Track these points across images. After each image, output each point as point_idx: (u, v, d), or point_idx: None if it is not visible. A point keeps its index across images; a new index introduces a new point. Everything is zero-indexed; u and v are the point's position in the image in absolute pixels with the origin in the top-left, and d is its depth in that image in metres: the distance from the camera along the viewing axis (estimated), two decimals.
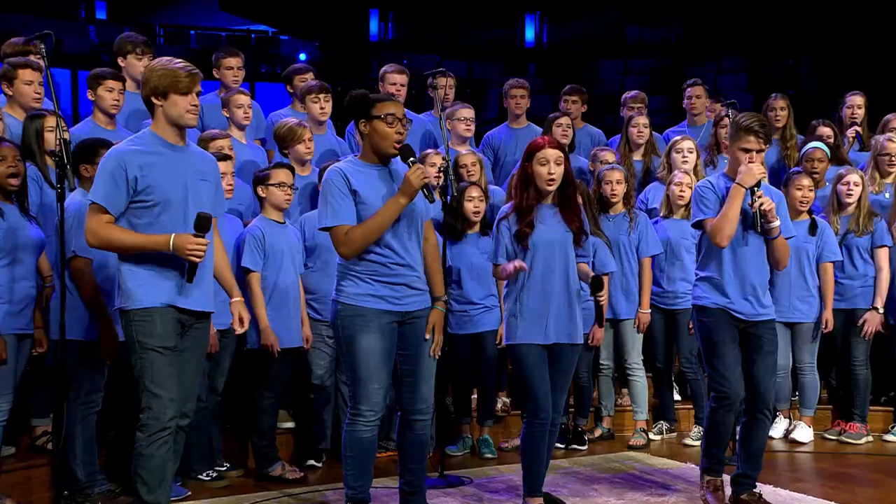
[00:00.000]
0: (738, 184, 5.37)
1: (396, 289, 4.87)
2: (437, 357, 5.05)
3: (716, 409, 5.52)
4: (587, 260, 5.47)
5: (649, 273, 7.25)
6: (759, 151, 5.42)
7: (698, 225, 5.54)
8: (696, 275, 5.64)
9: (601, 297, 5.38)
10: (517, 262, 5.17)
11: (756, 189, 5.37)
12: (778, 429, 7.41)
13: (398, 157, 4.93)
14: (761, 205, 5.35)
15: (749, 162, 5.39)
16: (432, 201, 4.93)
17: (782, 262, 5.54)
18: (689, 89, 8.76)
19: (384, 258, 4.84)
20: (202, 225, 4.54)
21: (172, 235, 4.50)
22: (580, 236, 5.34)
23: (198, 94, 4.68)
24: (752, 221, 5.40)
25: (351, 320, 4.81)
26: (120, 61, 7.30)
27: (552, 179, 5.27)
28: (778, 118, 8.29)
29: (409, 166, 4.81)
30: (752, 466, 5.60)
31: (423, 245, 5.03)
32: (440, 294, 5.11)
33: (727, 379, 5.45)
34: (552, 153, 5.27)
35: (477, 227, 6.93)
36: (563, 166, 5.29)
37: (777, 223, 5.40)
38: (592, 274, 5.34)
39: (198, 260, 4.53)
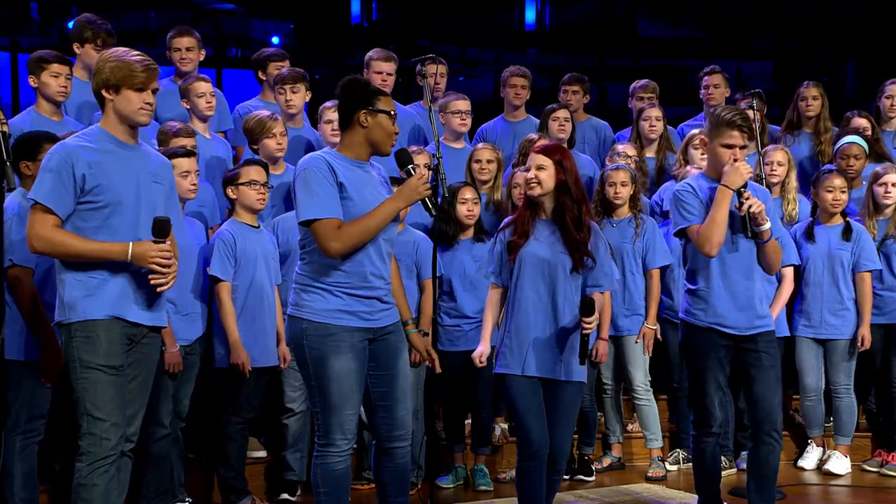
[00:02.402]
0: (724, 185, 5.40)
1: (368, 303, 4.87)
2: (438, 371, 5.23)
3: (696, 438, 5.67)
4: (599, 290, 5.42)
5: (657, 286, 7.20)
6: (742, 147, 5.45)
7: (682, 234, 5.56)
8: (686, 286, 5.68)
9: (587, 324, 5.22)
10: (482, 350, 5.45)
11: (743, 190, 5.39)
12: (810, 459, 7.37)
13: (373, 159, 4.99)
14: (750, 207, 5.37)
15: (733, 160, 5.41)
16: (433, 215, 5.03)
17: (775, 265, 5.62)
18: (706, 77, 8.71)
19: (361, 268, 4.82)
20: (161, 230, 4.57)
21: (131, 244, 4.54)
22: (580, 264, 5.31)
23: (154, 92, 4.71)
24: (742, 225, 5.42)
25: (320, 340, 4.78)
26: (75, 48, 7.23)
27: (531, 184, 5.32)
28: (810, 108, 8.26)
29: (410, 173, 4.92)
30: (764, 498, 5.60)
31: None
32: (410, 316, 5.24)
33: (707, 407, 5.57)
34: (535, 157, 5.34)
35: (471, 233, 6.89)
36: (549, 172, 5.31)
37: (768, 225, 5.44)
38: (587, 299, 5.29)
39: (163, 270, 4.57)
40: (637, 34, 17.11)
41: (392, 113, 4.90)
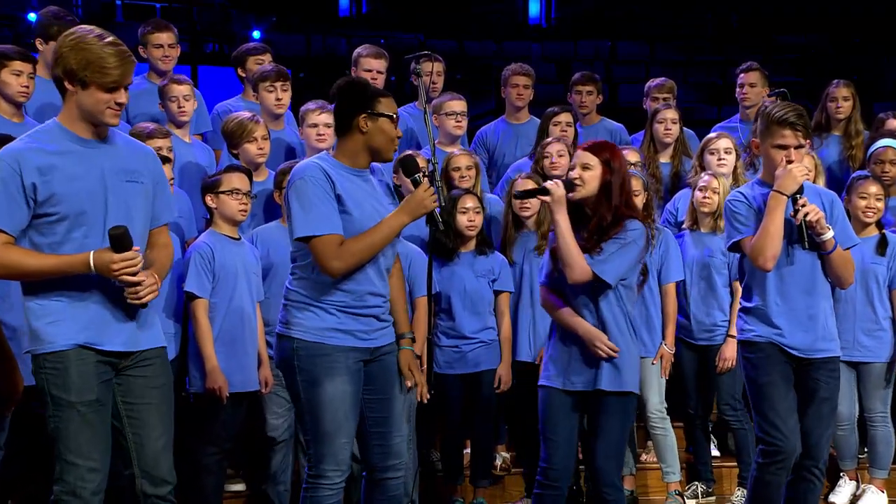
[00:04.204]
0: (776, 191, 5.35)
1: (364, 321, 4.88)
2: (426, 401, 5.13)
3: (764, 467, 5.48)
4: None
5: (674, 302, 7.18)
6: (797, 147, 5.40)
7: (735, 247, 5.54)
8: (740, 304, 5.64)
9: None
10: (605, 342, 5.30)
11: (799, 196, 5.35)
12: (843, 494, 7.35)
13: (371, 165, 4.99)
14: (806, 214, 5.33)
15: (787, 162, 5.36)
16: (440, 230, 5.05)
17: (845, 278, 5.54)
18: (742, 75, 8.65)
19: (358, 285, 4.83)
20: (120, 244, 4.28)
21: (91, 253, 4.27)
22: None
23: (127, 88, 4.41)
24: (798, 235, 5.37)
25: (313, 361, 4.78)
26: (38, 44, 7.19)
27: (575, 184, 5.35)
28: (840, 109, 8.27)
29: (417, 182, 4.89)
30: None
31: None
32: (405, 330, 5.18)
33: (779, 430, 5.41)
34: (581, 155, 5.40)
35: (472, 245, 6.88)
36: (594, 172, 5.34)
37: (830, 234, 5.38)
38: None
39: (133, 278, 4.29)
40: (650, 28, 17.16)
41: (394, 116, 4.90)
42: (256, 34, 15.11)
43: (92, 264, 4.26)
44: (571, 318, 5.37)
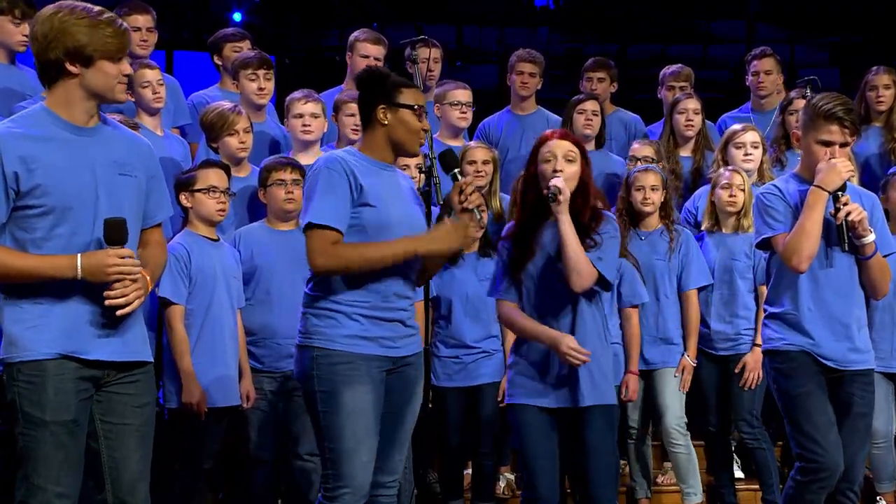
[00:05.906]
0: (817, 186, 5.32)
1: (390, 327, 4.90)
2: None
3: (804, 486, 5.41)
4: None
5: (696, 310, 7.15)
6: (843, 145, 5.38)
7: (764, 245, 5.50)
8: (765, 310, 5.60)
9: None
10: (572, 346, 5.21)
11: (841, 194, 5.32)
12: None
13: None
14: (848, 214, 5.29)
15: (830, 158, 5.34)
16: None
17: (881, 287, 5.51)
18: (755, 62, 8.67)
19: (384, 286, 4.86)
20: (114, 236, 4.19)
21: (79, 255, 4.17)
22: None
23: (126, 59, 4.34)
24: (838, 236, 5.33)
25: (333, 370, 4.79)
26: None
27: (566, 180, 5.28)
28: (881, 98, 8.24)
29: (456, 178, 5.00)
30: None
31: None
32: None
33: (819, 444, 5.36)
34: (561, 144, 5.36)
35: (475, 247, 6.86)
36: (576, 165, 5.33)
37: (871, 237, 5.35)
38: None
39: (128, 279, 4.19)
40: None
41: (416, 107, 4.94)
42: (237, 17, 15.09)
43: (79, 267, 4.16)
44: (535, 328, 5.33)
